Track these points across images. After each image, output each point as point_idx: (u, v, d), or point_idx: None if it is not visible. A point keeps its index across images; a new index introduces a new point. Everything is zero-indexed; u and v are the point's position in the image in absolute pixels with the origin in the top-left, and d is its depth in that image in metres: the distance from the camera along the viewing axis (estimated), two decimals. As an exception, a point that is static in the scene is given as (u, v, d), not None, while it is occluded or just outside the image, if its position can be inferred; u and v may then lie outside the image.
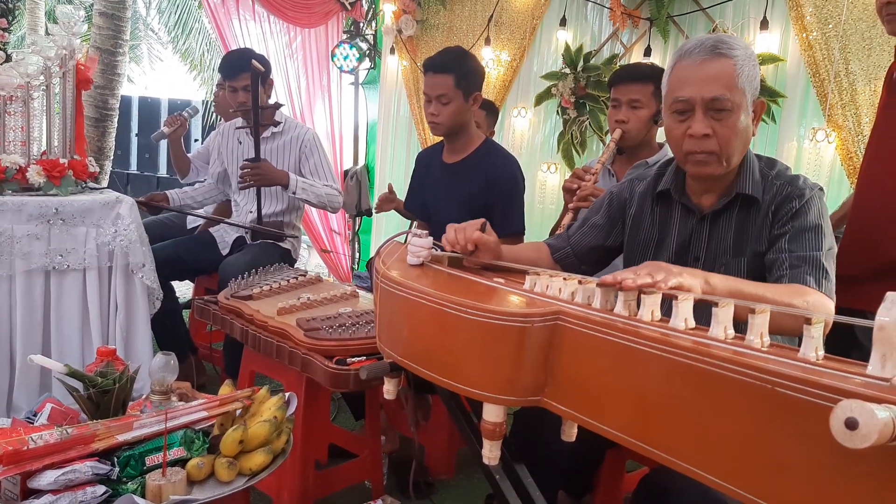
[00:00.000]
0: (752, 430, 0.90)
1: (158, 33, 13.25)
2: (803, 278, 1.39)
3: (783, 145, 3.22)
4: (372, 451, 2.26)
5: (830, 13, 2.96)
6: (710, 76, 1.44)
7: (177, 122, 3.62)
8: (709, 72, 1.44)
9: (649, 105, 2.35)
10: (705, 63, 1.44)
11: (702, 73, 1.44)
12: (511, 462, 1.47)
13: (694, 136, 1.46)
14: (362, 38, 4.92)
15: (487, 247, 1.55)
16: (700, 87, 1.44)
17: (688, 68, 1.47)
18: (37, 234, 2.36)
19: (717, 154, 1.47)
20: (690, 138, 1.47)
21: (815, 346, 0.94)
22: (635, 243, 1.70)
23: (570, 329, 1.13)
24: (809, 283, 1.39)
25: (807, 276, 1.40)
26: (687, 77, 1.46)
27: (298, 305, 2.20)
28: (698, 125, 1.45)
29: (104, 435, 1.38)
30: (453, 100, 2.51)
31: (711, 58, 1.44)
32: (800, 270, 1.41)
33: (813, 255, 1.42)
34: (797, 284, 1.38)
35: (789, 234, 1.46)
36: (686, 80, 1.46)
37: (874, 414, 0.74)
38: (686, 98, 1.46)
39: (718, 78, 1.43)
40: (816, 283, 1.39)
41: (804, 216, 1.47)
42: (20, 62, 2.54)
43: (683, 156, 1.52)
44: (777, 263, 1.45)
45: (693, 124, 1.46)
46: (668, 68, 1.52)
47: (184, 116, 3.68)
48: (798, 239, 1.45)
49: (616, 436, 1.07)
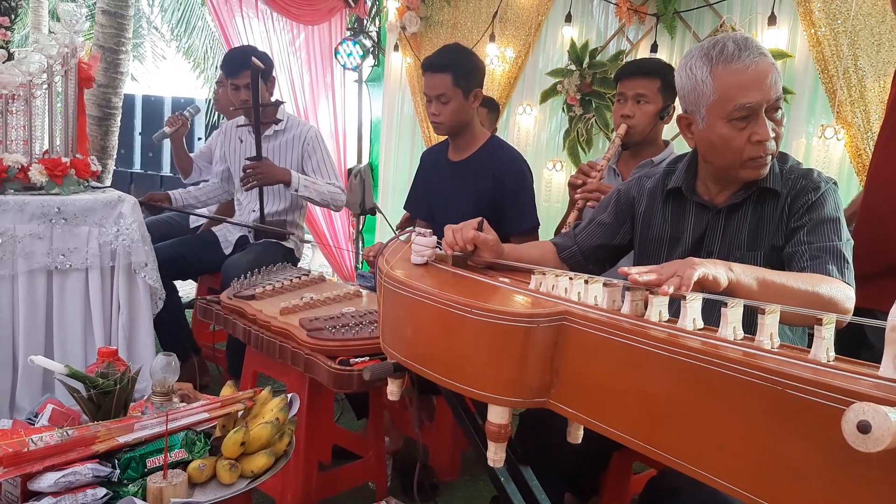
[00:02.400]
0: (761, 432, 0.89)
1: (161, 31, 13.26)
2: (825, 268, 1.37)
3: (792, 142, 3.19)
4: (376, 452, 2.25)
5: (839, 9, 2.93)
6: (766, 77, 1.40)
7: (178, 121, 3.61)
8: (763, 73, 1.40)
9: (655, 100, 2.32)
10: (758, 65, 1.40)
11: (758, 75, 1.39)
12: (516, 464, 1.46)
13: (763, 142, 1.42)
14: (366, 35, 4.90)
15: (487, 245, 1.53)
16: (764, 91, 1.40)
17: (743, 73, 1.40)
18: (39, 234, 2.36)
19: (773, 154, 1.47)
20: (757, 144, 1.43)
21: (825, 347, 0.92)
22: (647, 240, 1.68)
23: (576, 330, 1.12)
24: (832, 272, 1.37)
25: (828, 265, 1.38)
26: (745, 82, 1.40)
27: (301, 305, 2.19)
28: (766, 130, 1.41)
29: (105, 437, 1.37)
30: (453, 98, 2.49)
31: (760, 58, 1.40)
32: (821, 260, 1.39)
33: (833, 246, 1.41)
34: (819, 274, 1.36)
35: (807, 226, 1.45)
36: (746, 86, 1.40)
37: (887, 417, 0.72)
38: (753, 104, 1.40)
39: (771, 76, 1.40)
40: (839, 271, 1.38)
41: (821, 208, 1.46)
42: (22, 61, 2.54)
43: (742, 162, 1.46)
44: (797, 255, 1.43)
45: (759, 129, 1.41)
46: (707, 74, 1.43)
47: (185, 116, 3.67)
48: (817, 231, 1.43)
49: (623, 438, 1.06)
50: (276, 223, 3.16)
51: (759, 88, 1.39)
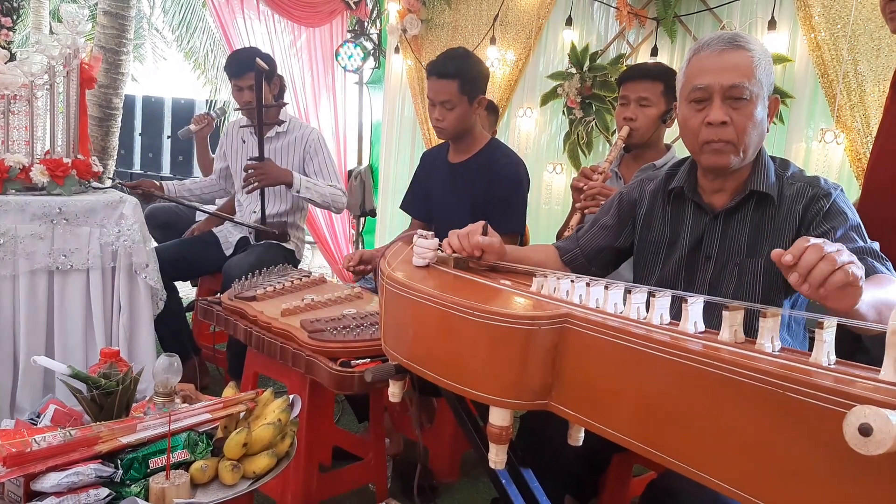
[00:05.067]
0: (762, 435, 0.89)
1: (163, 32, 13.24)
2: (873, 267, 1.36)
3: (791, 146, 3.19)
4: (376, 453, 2.25)
5: (839, 13, 2.94)
6: (729, 65, 1.44)
7: (204, 120, 3.63)
8: (728, 61, 1.44)
9: (658, 104, 2.33)
10: (724, 53, 1.45)
11: (720, 61, 1.45)
12: (517, 466, 1.46)
13: (712, 124, 1.46)
14: (367, 37, 4.90)
15: (493, 249, 1.56)
16: (719, 74, 1.44)
17: (706, 58, 1.47)
18: (40, 234, 2.36)
19: (733, 143, 1.46)
20: (708, 127, 1.47)
21: (826, 351, 0.93)
22: (647, 243, 1.69)
23: (578, 332, 1.12)
24: (881, 270, 1.36)
25: (875, 264, 1.37)
26: (705, 66, 1.47)
27: (302, 306, 2.19)
28: (716, 112, 1.45)
29: (107, 437, 1.37)
30: (458, 105, 2.47)
31: (730, 49, 1.45)
32: (865, 262, 1.35)
33: (869, 248, 1.41)
34: (879, 275, 1.34)
35: (833, 232, 1.42)
36: (704, 69, 1.47)
37: (888, 420, 0.72)
38: (704, 85, 1.46)
39: (737, 67, 1.44)
40: (888, 269, 1.37)
41: (842, 215, 1.45)
42: (24, 61, 2.54)
43: (699, 147, 1.50)
44: None
45: (711, 112, 1.46)
46: (685, 62, 1.53)
47: (211, 116, 3.69)
48: (848, 236, 1.42)
49: (624, 440, 1.06)
50: (277, 224, 3.17)
51: (715, 72, 1.45)
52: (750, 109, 1.45)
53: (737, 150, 1.47)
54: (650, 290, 1.14)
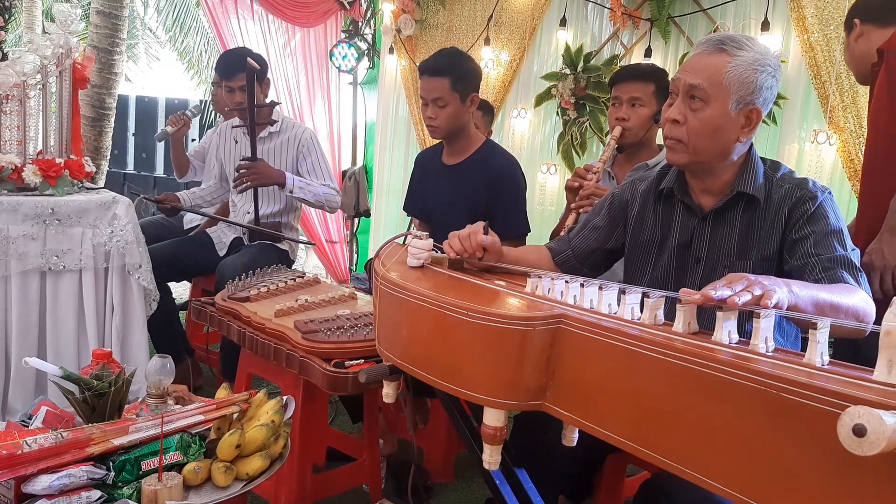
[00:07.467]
0: (756, 435, 0.89)
1: (156, 32, 13.21)
2: (841, 278, 1.37)
3: (784, 147, 3.21)
4: (370, 454, 2.25)
5: (832, 15, 2.95)
6: (701, 66, 1.46)
7: (180, 121, 3.61)
8: (702, 62, 1.46)
9: (650, 104, 2.34)
10: (704, 54, 1.47)
11: (696, 61, 1.48)
12: (511, 466, 1.46)
13: (667, 120, 1.51)
14: (361, 37, 4.90)
15: (494, 249, 1.58)
16: (688, 73, 1.47)
17: (692, 56, 1.51)
18: (32, 235, 2.35)
19: (683, 143, 1.49)
20: (665, 122, 1.52)
21: (820, 351, 0.93)
22: (638, 243, 1.69)
23: (572, 333, 1.12)
24: (849, 280, 1.37)
25: (844, 274, 1.38)
26: (686, 64, 1.51)
27: (296, 307, 2.19)
28: (672, 109, 1.49)
29: (100, 439, 1.36)
30: (450, 103, 2.48)
31: (711, 50, 1.46)
32: (835, 272, 1.39)
33: (843, 256, 1.41)
34: (843, 283, 1.36)
35: (812, 238, 1.44)
36: (684, 67, 1.51)
37: (882, 420, 0.73)
38: (674, 80, 1.51)
39: (705, 69, 1.45)
40: (855, 280, 1.38)
41: (824, 220, 1.45)
42: (16, 61, 2.52)
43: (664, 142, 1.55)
44: (808, 267, 1.42)
45: (670, 108, 1.50)
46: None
47: (187, 116, 3.67)
48: (823, 243, 1.43)
49: (618, 440, 1.06)
50: (270, 225, 3.16)
51: (686, 70, 1.48)
52: (705, 114, 1.45)
53: (686, 149, 1.49)
54: (644, 292, 1.14)
